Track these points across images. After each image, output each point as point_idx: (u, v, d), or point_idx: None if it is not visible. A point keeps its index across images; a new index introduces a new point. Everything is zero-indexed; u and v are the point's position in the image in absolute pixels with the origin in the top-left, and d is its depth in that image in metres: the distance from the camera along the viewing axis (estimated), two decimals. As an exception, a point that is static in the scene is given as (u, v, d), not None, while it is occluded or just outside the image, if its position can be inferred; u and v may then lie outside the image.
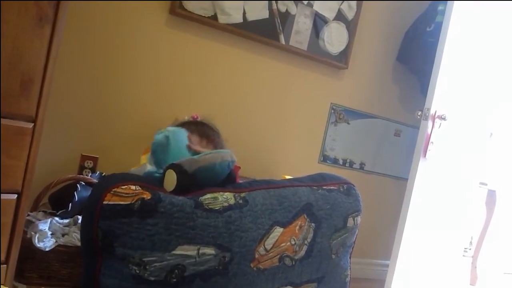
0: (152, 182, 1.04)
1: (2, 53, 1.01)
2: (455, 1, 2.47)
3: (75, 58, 2.13)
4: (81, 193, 1.63)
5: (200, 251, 1.00)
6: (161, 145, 1.14)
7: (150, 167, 1.14)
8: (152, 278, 0.96)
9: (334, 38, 2.67)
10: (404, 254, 2.52)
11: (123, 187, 0.97)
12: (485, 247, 3.34)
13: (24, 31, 1.04)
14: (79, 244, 1.41)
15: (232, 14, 2.36)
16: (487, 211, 3.33)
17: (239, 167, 2.40)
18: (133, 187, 0.98)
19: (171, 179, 1.06)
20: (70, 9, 1.95)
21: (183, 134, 1.22)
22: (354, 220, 1.25)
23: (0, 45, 1.00)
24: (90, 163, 2.15)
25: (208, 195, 1.04)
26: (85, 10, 2.12)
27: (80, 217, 1.52)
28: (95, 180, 1.72)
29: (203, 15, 2.31)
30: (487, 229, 3.32)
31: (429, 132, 2.48)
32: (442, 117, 2.51)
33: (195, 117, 1.63)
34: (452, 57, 2.52)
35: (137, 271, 0.96)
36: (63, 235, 1.50)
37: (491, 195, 3.31)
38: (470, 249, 3.76)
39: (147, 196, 0.97)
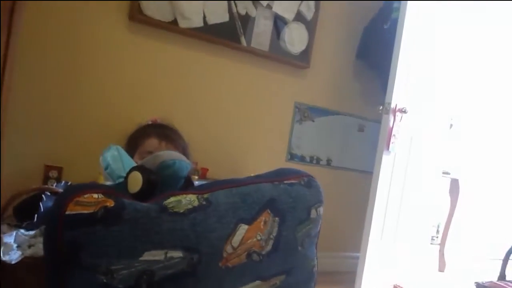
0: (114, 189, 1.04)
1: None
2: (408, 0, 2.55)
3: (36, 65, 2.11)
4: (47, 203, 1.61)
5: (168, 255, 1.00)
6: (114, 157, 1.14)
7: (109, 183, 1.14)
8: (121, 286, 0.96)
9: (295, 38, 2.71)
10: (373, 246, 2.58)
11: (85, 196, 0.96)
12: (452, 234, 3.44)
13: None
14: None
15: (192, 18, 2.37)
16: (451, 199, 3.44)
17: (207, 169, 2.41)
18: (95, 195, 0.97)
19: (135, 180, 1.06)
20: (30, 15, 1.93)
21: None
22: (317, 211, 1.27)
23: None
24: (55, 173, 2.12)
25: (172, 199, 1.04)
26: (47, 16, 2.11)
27: (46, 228, 1.50)
28: (61, 190, 1.70)
29: (163, 20, 2.31)
30: (452, 217, 3.42)
31: (391, 125, 2.55)
32: (403, 110, 2.58)
33: (155, 120, 1.65)
34: (409, 52, 2.60)
35: (105, 280, 0.95)
36: (29, 247, 1.48)
37: (455, 184, 3.41)
38: (437, 237, 3.86)
39: (110, 203, 0.97)
